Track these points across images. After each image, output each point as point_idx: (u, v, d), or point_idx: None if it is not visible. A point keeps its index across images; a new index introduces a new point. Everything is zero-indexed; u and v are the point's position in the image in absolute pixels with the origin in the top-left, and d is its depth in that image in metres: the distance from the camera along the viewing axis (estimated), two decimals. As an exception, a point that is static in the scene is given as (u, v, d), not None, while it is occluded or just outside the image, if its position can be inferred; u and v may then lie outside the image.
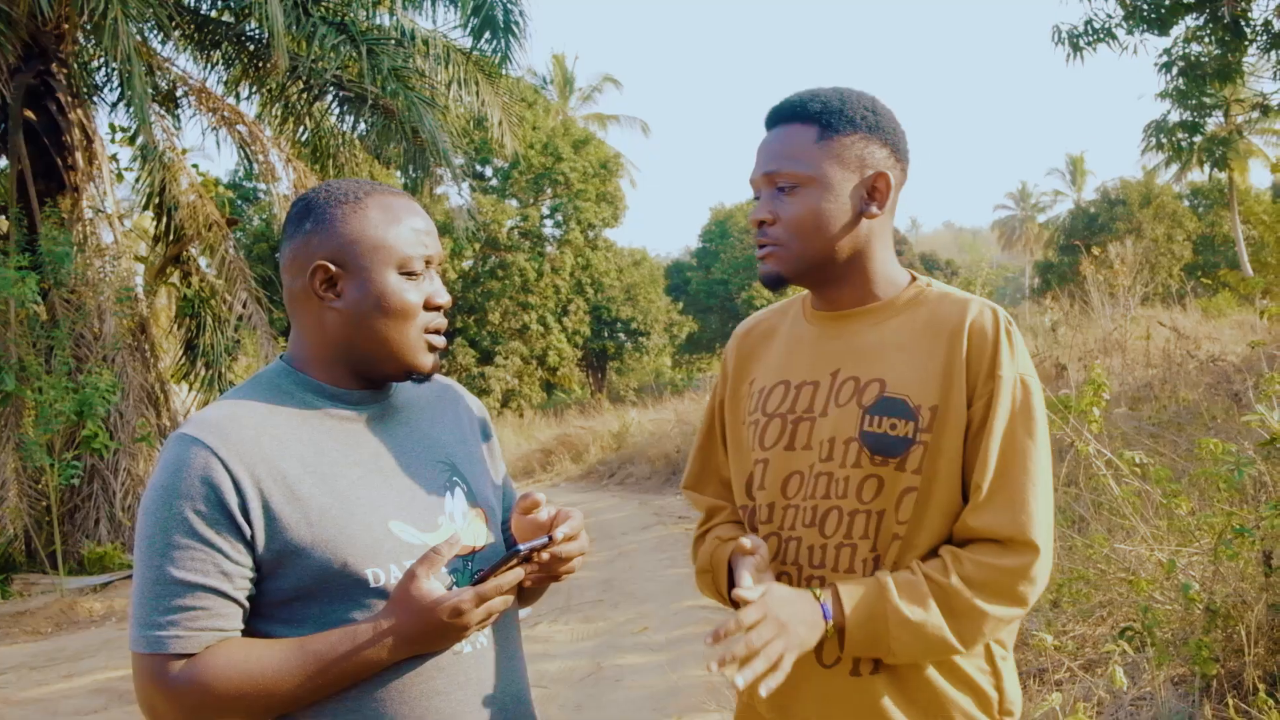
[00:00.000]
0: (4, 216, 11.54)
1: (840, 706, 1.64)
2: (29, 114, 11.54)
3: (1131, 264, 15.59)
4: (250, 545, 1.43)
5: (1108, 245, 17.40)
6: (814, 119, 1.69)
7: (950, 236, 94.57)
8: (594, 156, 32.92)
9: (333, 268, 1.51)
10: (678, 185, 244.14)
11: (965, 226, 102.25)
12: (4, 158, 11.90)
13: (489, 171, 32.64)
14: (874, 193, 1.69)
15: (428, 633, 1.43)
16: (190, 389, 13.32)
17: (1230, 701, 2.78)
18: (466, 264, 31.77)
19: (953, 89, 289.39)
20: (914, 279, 1.76)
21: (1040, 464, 1.62)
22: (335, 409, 1.55)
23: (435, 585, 1.43)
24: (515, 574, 1.47)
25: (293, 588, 1.45)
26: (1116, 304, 13.59)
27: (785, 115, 1.72)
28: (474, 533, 1.58)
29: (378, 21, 12.65)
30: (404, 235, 1.53)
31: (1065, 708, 2.62)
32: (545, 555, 1.51)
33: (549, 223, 33.40)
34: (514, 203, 32.62)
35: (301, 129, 13.69)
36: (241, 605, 1.44)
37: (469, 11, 12.32)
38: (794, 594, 1.57)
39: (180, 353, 13.51)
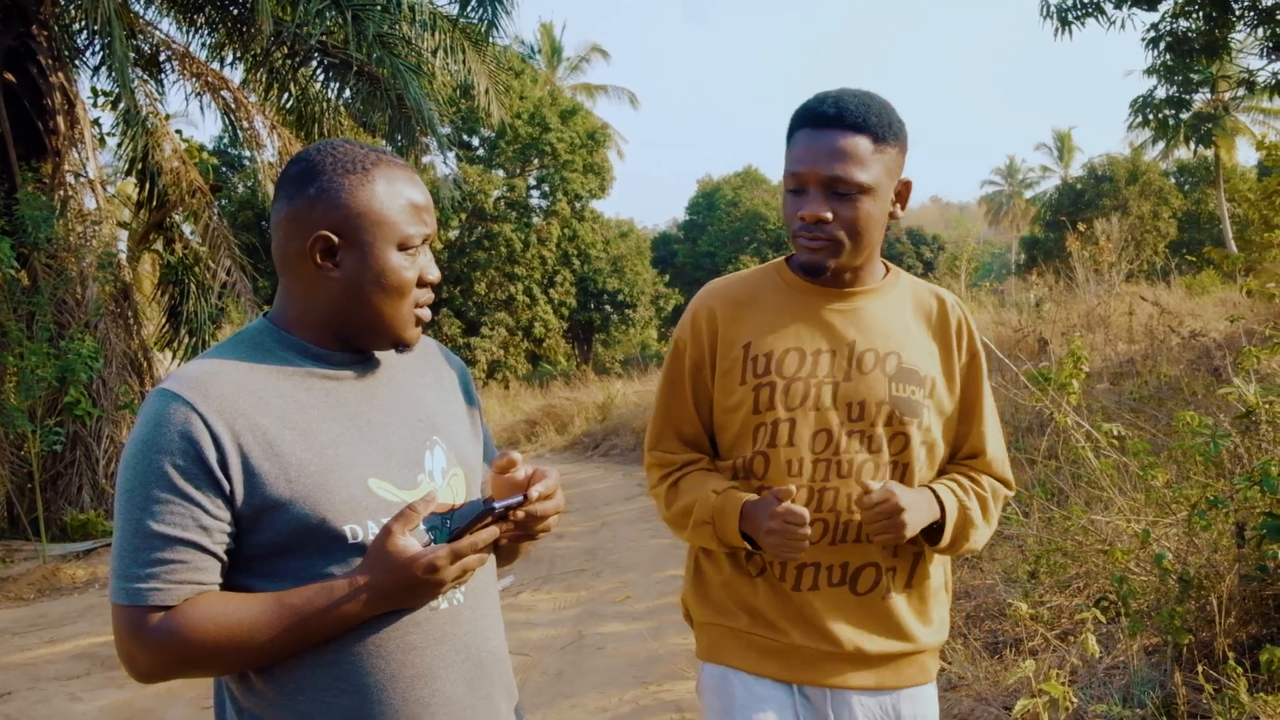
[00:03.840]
0: (-17, 180, 11.43)
1: (872, 624, 2.01)
2: (9, 77, 11.41)
3: (1117, 240, 15.64)
4: (229, 500, 1.44)
5: (1094, 222, 17.45)
6: (871, 131, 1.91)
7: (937, 212, 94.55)
8: (581, 127, 32.76)
9: (335, 239, 1.52)
10: (665, 157, 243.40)
11: (953, 202, 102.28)
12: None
13: (475, 141, 32.46)
14: (900, 197, 2.00)
15: (403, 588, 1.44)
16: (174, 356, 13.26)
17: (1200, 669, 2.81)
18: (453, 234, 31.62)
19: (941, 63, 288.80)
20: (888, 265, 2.09)
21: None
22: (317, 368, 1.56)
23: (411, 541, 1.45)
24: (490, 531, 1.49)
25: (271, 542, 1.46)
26: (1101, 280, 13.64)
27: (846, 124, 1.91)
28: (453, 491, 1.60)
29: (363, -14, 12.52)
30: (407, 213, 1.55)
31: (1039, 675, 2.65)
32: (521, 514, 1.54)
33: (536, 193, 33.27)
34: (500, 173, 32.47)
35: (286, 95, 13.57)
36: (220, 559, 1.46)
37: (456, -23, 12.22)
38: (913, 491, 1.96)
39: (163, 320, 13.45)
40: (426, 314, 1.61)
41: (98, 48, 13.07)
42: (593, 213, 34.27)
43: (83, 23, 12.22)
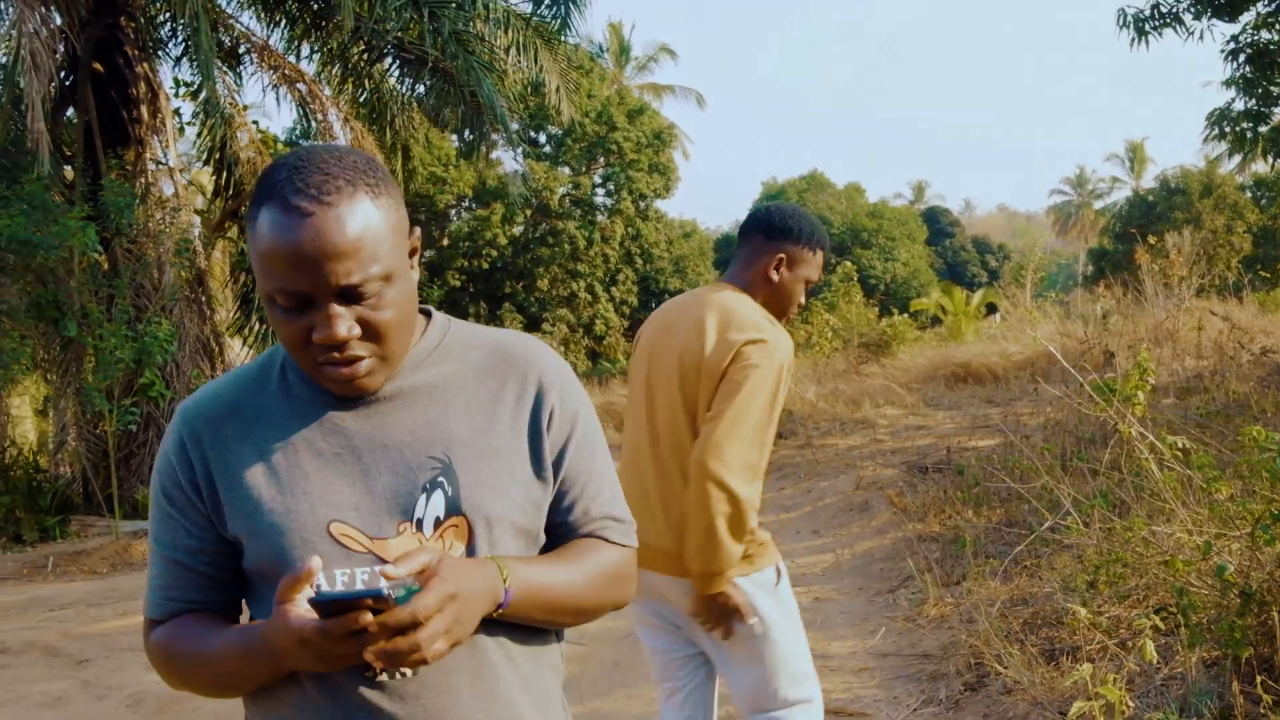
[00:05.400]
0: (70, 167, 11.78)
1: None
2: (97, 66, 11.77)
3: (1188, 254, 15.38)
4: (212, 524, 1.41)
5: (1165, 235, 17.17)
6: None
7: (1004, 220, 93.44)
8: (648, 127, 32.86)
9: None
10: (730, 158, 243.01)
11: (1020, 211, 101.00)
12: (72, 108, 12.16)
13: (542, 138, 32.70)
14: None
15: (286, 652, 1.26)
16: (244, 343, 13.59)
17: (1259, 679, 2.83)
18: (517, 230, 31.91)
19: (1014, 70, 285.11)
20: None
21: None
22: (320, 393, 1.43)
23: (294, 606, 1.24)
24: (362, 617, 1.19)
25: (249, 571, 1.43)
26: (1170, 294, 13.45)
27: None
28: (448, 545, 1.39)
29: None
30: (270, 261, 1.29)
31: (1095, 680, 2.68)
32: (371, 621, 1.20)
33: (600, 191, 33.43)
34: (566, 170, 32.69)
35: (361, 90, 13.85)
36: (211, 578, 1.43)
37: (529, -24, 12.38)
38: None
39: (235, 307, 13.79)
40: (347, 371, 1.34)
41: (180, 39, 13.45)
42: (657, 212, 34.37)
43: (168, 15, 12.57)
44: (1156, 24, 12.14)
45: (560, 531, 1.51)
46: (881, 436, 11.10)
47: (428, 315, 1.51)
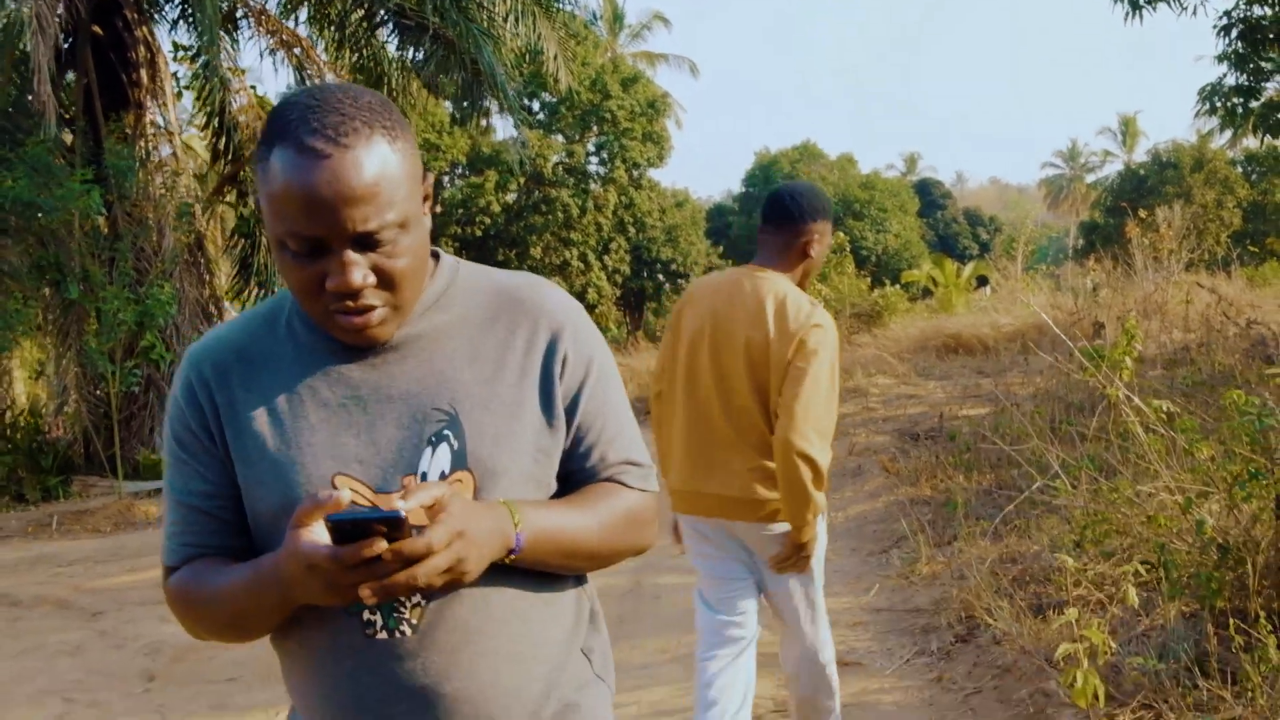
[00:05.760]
0: (70, 130, 11.84)
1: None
2: (96, 29, 11.79)
3: (1178, 228, 15.54)
4: (224, 466, 1.39)
5: (1155, 209, 17.33)
6: None
7: (996, 193, 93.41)
8: (642, 95, 32.83)
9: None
10: (723, 128, 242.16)
11: (1011, 183, 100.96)
12: (71, 71, 12.19)
13: (536, 105, 32.65)
14: None
15: (296, 579, 1.23)
16: (243, 306, 13.68)
17: (1232, 623, 3.01)
18: (510, 198, 31.93)
19: (1005, 42, 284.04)
20: None
21: None
22: (325, 340, 1.39)
23: (308, 532, 1.21)
24: (377, 544, 1.16)
25: (254, 514, 1.40)
26: (1160, 268, 13.61)
27: None
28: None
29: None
30: (283, 203, 1.25)
31: (1080, 624, 2.86)
32: (384, 549, 1.17)
33: (594, 160, 33.44)
34: (560, 138, 32.68)
35: (357, 55, 13.87)
36: (226, 522, 1.40)
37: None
38: None
39: (234, 271, 13.88)
40: (359, 320, 1.30)
41: (177, 1, 13.47)
42: (650, 181, 34.39)
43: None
44: (1151, -2, 12.22)
45: (577, 478, 1.47)
46: (874, 405, 11.28)
47: (435, 257, 1.46)
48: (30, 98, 10.40)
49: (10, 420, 12.33)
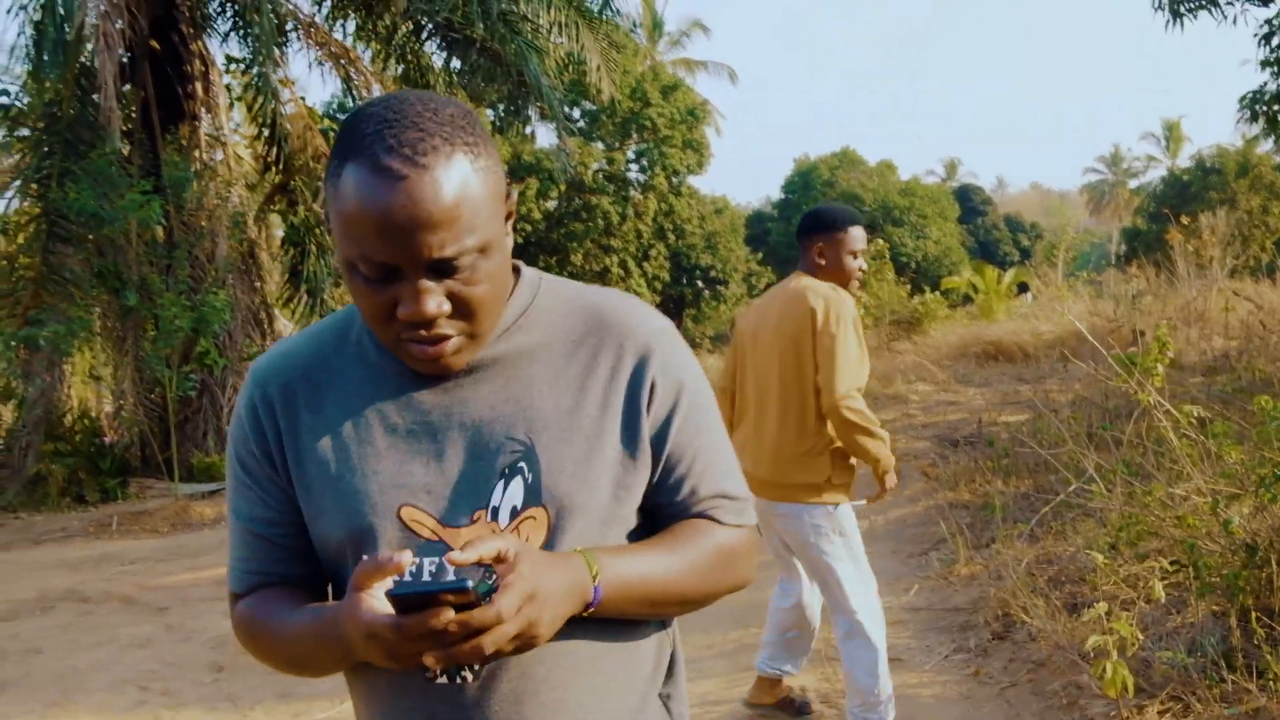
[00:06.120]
0: (129, 142, 12.21)
1: None
2: (153, 44, 12.16)
3: (1222, 235, 15.50)
4: (289, 495, 1.32)
5: (1199, 215, 17.27)
6: None
7: (1037, 198, 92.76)
8: (681, 103, 33.06)
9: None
10: (762, 135, 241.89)
11: (1053, 189, 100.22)
12: (128, 84, 12.56)
13: (576, 113, 32.94)
14: None
15: (355, 643, 1.15)
16: (293, 314, 14.01)
17: (1257, 618, 3.14)
18: (551, 205, 32.25)
19: (1048, 47, 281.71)
20: None
21: None
22: (396, 362, 1.30)
23: (368, 596, 1.13)
24: (444, 615, 1.07)
25: (317, 546, 1.34)
26: (1203, 275, 13.61)
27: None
28: (526, 538, 1.25)
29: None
30: (354, 225, 1.16)
31: (1111, 617, 3.00)
32: (451, 622, 1.07)
33: (634, 167, 33.69)
34: (600, 145, 32.95)
35: (403, 65, 14.17)
36: (291, 549, 1.34)
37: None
38: None
39: (284, 279, 14.21)
40: (433, 350, 1.21)
41: (229, 15, 13.84)
42: (689, 188, 34.60)
43: (223, -6, 12.95)
44: (1191, 6, 12.27)
45: (668, 512, 1.36)
46: (913, 411, 11.39)
47: (516, 272, 1.35)
48: (93, 111, 10.76)
49: (70, 424, 12.71)
